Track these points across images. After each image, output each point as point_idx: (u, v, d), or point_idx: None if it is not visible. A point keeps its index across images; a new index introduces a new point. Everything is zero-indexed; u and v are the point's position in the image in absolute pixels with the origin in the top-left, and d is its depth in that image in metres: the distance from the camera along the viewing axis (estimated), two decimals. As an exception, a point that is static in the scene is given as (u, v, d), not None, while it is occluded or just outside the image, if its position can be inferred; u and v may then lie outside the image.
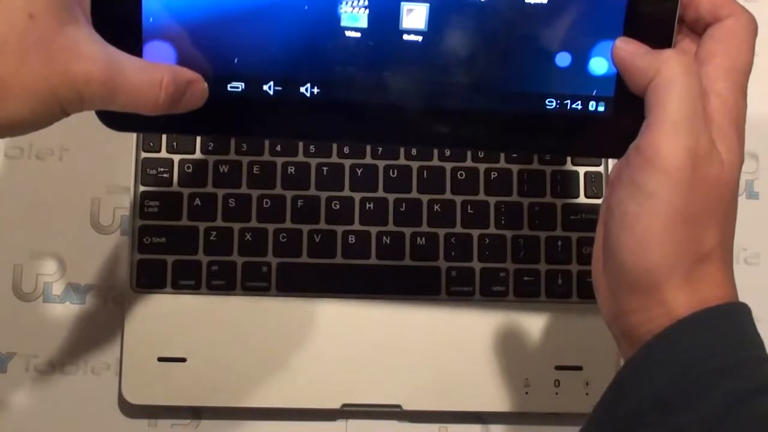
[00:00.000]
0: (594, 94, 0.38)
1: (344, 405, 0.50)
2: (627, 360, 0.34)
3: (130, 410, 0.51)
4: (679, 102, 0.33)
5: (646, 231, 0.33)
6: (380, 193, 0.52)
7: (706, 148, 0.33)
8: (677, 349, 0.33)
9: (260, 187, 0.51)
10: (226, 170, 0.51)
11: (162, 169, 0.51)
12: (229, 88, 0.37)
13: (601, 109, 0.38)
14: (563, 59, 0.38)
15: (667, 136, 0.33)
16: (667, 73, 0.34)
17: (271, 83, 0.37)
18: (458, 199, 0.52)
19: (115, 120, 0.37)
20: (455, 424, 0.52)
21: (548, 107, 0.38)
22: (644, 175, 0.33)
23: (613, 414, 0.34)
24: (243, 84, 0.37)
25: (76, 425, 0.51)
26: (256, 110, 0.38)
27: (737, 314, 0.34)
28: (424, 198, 0.52)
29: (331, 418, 0.51)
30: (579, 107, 0.38)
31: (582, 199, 0.53)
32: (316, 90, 0.37)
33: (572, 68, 0.38)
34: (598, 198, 0.53)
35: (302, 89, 0.37)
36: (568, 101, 0.38)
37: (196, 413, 0.51)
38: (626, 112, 0.36)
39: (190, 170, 0.51)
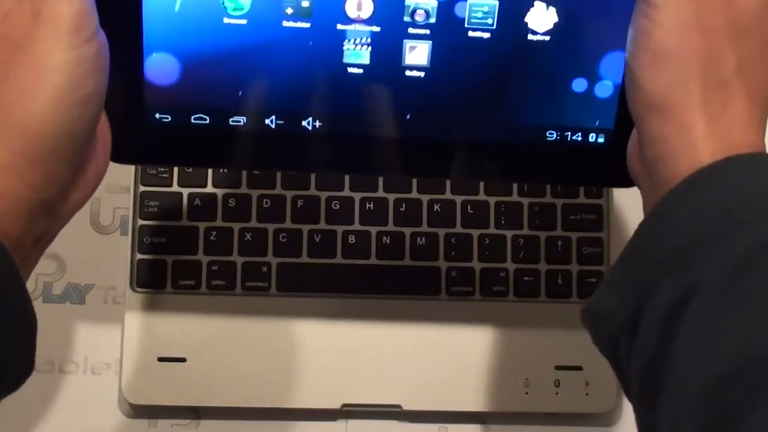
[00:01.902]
0: (596, 125, 0.38)
1: (344, 405, 0.50)
2: (646, 214, 0.33)
3: (130, 410, 0.51)
4: None
5: (658, 44, 0.33)
6: (380, 193, 0.52)
7: None
8: (697, 202, 0.32)
9: (260, 187, 0.51)
10: (226, 170, 0.51)
11: (162, 169, 0.51)
12: (231, 122, 0.37)
13: (600, 140, 0.38)
14: (565, 93, 0.38)
15: None
16: None
17: (273, 117, 0.37)
18: (458, 199, 0.52)
19: (122, 154, 0.37)
20: (455, 424, 0.52)
21: (549, 139, 0.38)
22: None
23: (632, 270, 0.33)
24: (245, 118, 0.37)
25: (76, 425, 0.51)
26: (258, 143, 0.38)
27: (761, 164, 0.32)
28: (424, 198, 0.52)
29: (331, 418, 0.51)
30: (579, 138, 0.38)
31: (582, 199, 0.53)
32: (318, 124, 0.38)
33: (575, 102, 0.38)
34: (599, 198, 0.53)
35: (304, 123, 0.38)
36: (569, 133, 0.38)
37: (196, 413, 0.51)
38: (624, 142, 0.37)
39: (190, 170, 0.51)
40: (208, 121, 0.37)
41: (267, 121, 0.38)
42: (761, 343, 0.28)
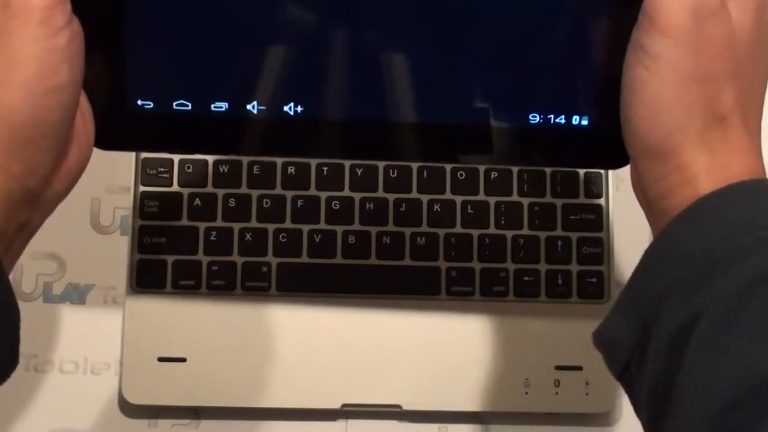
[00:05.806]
0: (579, 108, 0.38)
1: (344, 405, 0.50)
2: (650, 244, 0.33)
3: (130, 410, 0.51)
4: None
5: (656, 95, 0.32)
6: (380, 193, 0.52)
7: (712, 7, 0.32)
8: (699, 230, 0.31)
9: (260, 187, 0.51)
10: (226, 170, 0.51)
11: (162, 169, 0.51)
12: (213, 108, 0.37)
13: (585, 122, 0.38)
14: (549, 75, 0.38)
15: None
16: None
17: (255, 102, 0.37)
18: (458, 199, 0.52)
19: (104, 140, 0.37)
20: (455, 424, 0.52)
21: (532, 122, 0.38)
22: (648, 37, 0.32)
23: (639, 296, 0.33)
24: (227, 103, 0.37)
25: (76, 425, 0.51)
26: (240, 128, 0.38)
27: (762, 190, 0.32)
28: (424, 198, 0.52)
29: (331, 418, 0.51)
30: (563, 121, 0.38)
31: (582, 199, 0.53)
32: (299, 109, 0.38)
33: (559, 82, 0.38)
34: (599, 198, 0.53)
35: (286, 108, 0.38)
36: (552, 116, 0.38)
37: (196, 413, 0.51)
38: (608, 124, 0.36)
39: (190, 170, 0.51)
40: (190, 107, 0.37)
41: (249, 107, 0.38)
42: (764, 370, 0.28)
